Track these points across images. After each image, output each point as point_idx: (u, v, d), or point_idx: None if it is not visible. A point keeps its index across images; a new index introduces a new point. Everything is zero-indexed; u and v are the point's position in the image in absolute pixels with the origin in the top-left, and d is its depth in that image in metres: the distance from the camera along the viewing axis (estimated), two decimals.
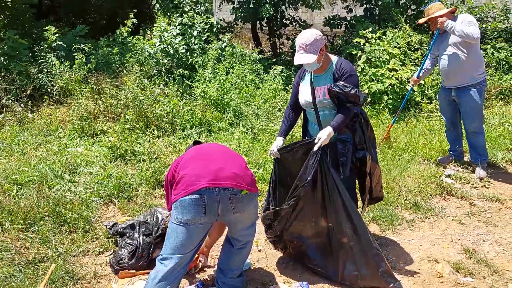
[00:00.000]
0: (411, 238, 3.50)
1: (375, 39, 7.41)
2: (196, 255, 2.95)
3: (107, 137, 5.17)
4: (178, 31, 7.52)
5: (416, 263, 3.17)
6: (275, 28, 9.87)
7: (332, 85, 2.85)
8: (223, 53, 7.40)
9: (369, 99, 6.91)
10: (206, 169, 2.42)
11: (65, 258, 3.15)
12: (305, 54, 2.81)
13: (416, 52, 7.81)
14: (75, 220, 3.57)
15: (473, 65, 4.30)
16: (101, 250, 3.33)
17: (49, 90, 6.45)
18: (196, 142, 2.93)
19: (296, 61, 2.84)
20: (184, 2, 8.26)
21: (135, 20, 7.90)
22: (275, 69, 7.49)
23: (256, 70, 7.50)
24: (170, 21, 7.66)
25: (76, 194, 3.97)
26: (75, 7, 12.03)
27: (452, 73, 4.39)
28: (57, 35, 7.02)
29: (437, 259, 3.19)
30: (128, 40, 7.65)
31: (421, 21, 4.58)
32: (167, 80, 6.71)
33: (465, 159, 4.95)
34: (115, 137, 5.05)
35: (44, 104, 6.28)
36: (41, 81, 6.46)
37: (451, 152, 4.95)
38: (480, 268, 3.08)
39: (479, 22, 8.22)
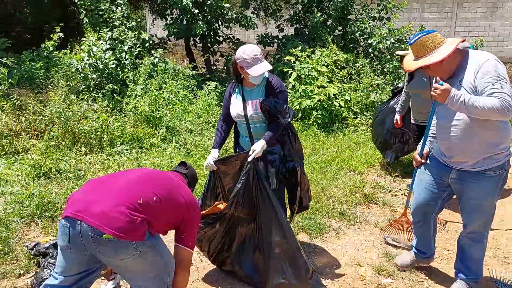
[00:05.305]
0: (338, 245, 3.66)
1: (305, 58, 7.73)
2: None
3: (30, 154, 4.91)
4: (108, 46, 7.37)
5: (342, 268, 3.31)
6: (209, 45, 9.97)
7: (264, 100, 2.95)
8: (155, 68, 7.35)
9: (299, 115, 7.17)
10: (85, 196, 2.16)
11: None
12: (264, 63, 2.88)
13: (342, 70, 8.25)
14: None
15: (495, 138, 2.52)
16: (22, 272, 3.15)
17: None
18: (182, 163, 2.79)
19: (261, 70, 2.85)
20: (114, 17, 8.13)
21: (61, 34, 7.64)
22: (209, 84, 7.56)
23: (190, 85, 7.52)
24: (99, 36, 7.49)
25: None
26: None
27: (459, 148, 2.59)
28: None
29: (360, 263, 3.36)
30: (53, 54, 7.37)
31: (409, 68, 2.62)
32: (96, 95, 6.53)
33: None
34: (39, 155, 4.81)
35: None
36: None
37: (416, 251, 3.26)
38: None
39: (398, 43, 8.86)
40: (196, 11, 8.42)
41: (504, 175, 2.61)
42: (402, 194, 4.72)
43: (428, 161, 2.92)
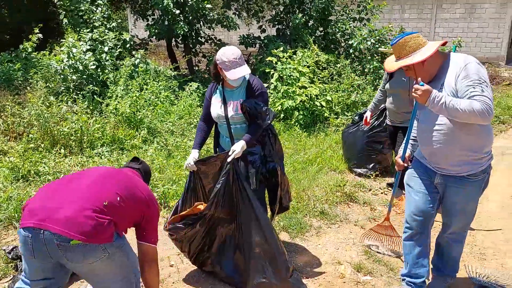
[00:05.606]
0: (318, 244, 3.70)
1: (286, 58, 7.77)
2: None
3: (8, 157, 4.84)
4: (88, 47, 7.29)
5: (322, 266, 3.35)
6: (190, 46, 9.95)
7: (245, 102, 2.97)
8: (136, 69, 7.30)
9: (282, 115, 7.21)
10: (45, 204, 2.09)
11: None
12: (243, 66, 2.90)
13: (323, 70, 8.33)
14: None
15: (478, 142, 2.50)
16: None
17: None
18: (135, 159, 2.78)
19: (239, 74, 2.87)
20: (94, 18, 8.05)
21: (40, 35, 7.53)
22: (191, 85, 7.55)
23: (171, 86, 7.49)
24: (80, 37, 7.42)
25: None
26: None
27: (442, 153, 2.56)
28: None
29: (340, 261, 3.41)
30: (32, 55, 7.26)
31: (390, 68, 2.61)
32: (76, 97, 6.46)
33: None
34: (17, 157, 4.75)
35: None
36: None
37: (406, 279, 2.93)
38: (378, 267, 3.34)
39: (378, 44, 8.98)
40: (178, 11, 8.39)
41: (486, 178, 2.62)
42: (382, 193, 4.79)
43: (413, 165, 2.84)
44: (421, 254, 2.84)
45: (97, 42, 7.48)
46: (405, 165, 2.94)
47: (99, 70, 7.11)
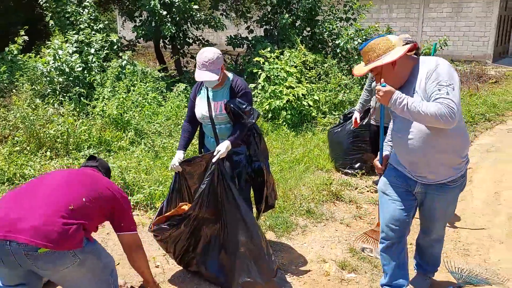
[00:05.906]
0: (304, 242, 3.73)
1: (274, 58, 7.80)
2: None
3: None
4: (75, 49, 7.26)
5: (307, 265, 3.38)
6: (178, 47, 9.95)
7: (229, 102, 2.99)
8: (124, 71, 7.28)
9: (269, 115, 7.24)
10: (8, 214, 2.04)
11: None
12: (208, 72, 2.90)
13: (311, 70, 8.37)
14: None
15: (456, 147, 2.45)
16: None
17: None
18: (91, 158, 2.78)
19: (199, 78, 2.91)
20: (81, 19, 8.01)
21: (26, 37, 7.49)
22: (178, 86, 7.55)
23: (159, 88, 7.48)
24: (66, 39, 7.38)
25: None
26: None
27: (422, 162, 2.49)
28: None
29: (325, 259, 3.44)
30: (18, 58, 7.22)
31: (359, 72, 2.52)
32: (62, 99, 6.43)
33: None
34: (2, 160, 4.72)
35: None
36: None
37: None
38: (363, 264, 3.38)
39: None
40: (165, 12, 8.39)
41: (464, 182, 2.62)
42: (368, 191, 4.83)
43: (388, 173, 2.77)
44: (399, 264, 2.78)
45: (83, 44, 7.45)
46: (383, 168, 2.89)
47: (85, 72, 7.08)
